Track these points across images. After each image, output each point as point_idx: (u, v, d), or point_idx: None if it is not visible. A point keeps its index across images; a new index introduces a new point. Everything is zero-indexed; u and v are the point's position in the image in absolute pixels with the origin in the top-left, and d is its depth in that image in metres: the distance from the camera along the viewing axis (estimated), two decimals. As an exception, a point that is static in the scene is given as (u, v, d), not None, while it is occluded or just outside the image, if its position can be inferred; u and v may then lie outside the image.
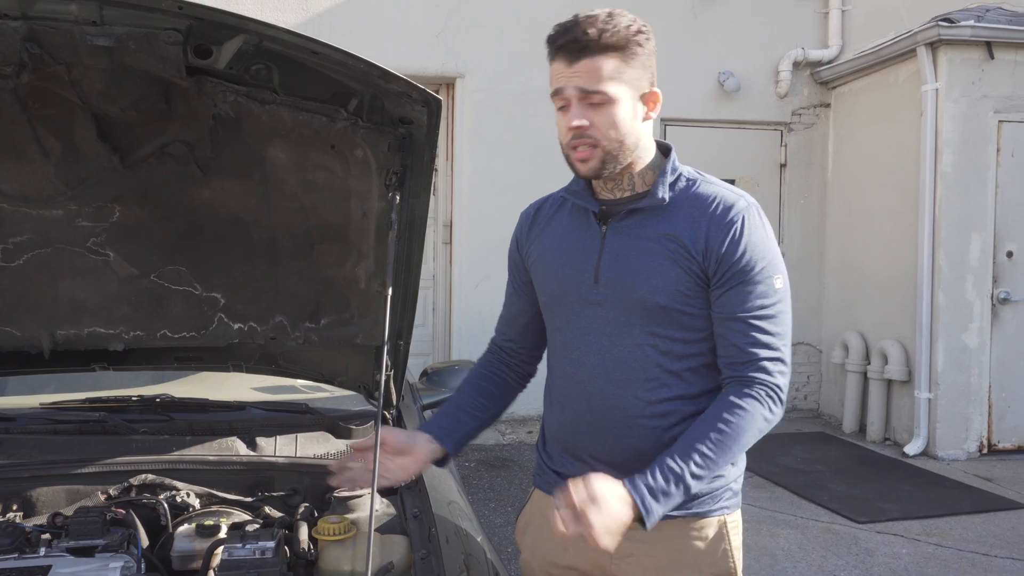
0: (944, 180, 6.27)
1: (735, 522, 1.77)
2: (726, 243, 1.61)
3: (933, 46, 6.25)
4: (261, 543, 1.70)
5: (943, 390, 6.29)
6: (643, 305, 1.65)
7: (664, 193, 1.67)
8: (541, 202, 1.90)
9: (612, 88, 1.59)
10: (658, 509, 1.52)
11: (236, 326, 2.20)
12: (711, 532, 1.73)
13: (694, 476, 1.56)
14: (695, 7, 7.40)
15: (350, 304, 2.14)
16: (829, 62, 7.53)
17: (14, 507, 2.07)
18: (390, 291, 1.80)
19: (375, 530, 1.54)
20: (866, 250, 7.17)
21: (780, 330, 1.65)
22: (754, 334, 1.62)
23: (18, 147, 1.70)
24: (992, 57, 6.24)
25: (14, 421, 2.37)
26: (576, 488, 1.45)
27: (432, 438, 1.76)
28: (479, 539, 2.02)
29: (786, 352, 1.66)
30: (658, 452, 1.60)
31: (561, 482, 1.60)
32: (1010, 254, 6.40)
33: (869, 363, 6.94)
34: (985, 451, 6.37)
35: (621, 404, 1.68)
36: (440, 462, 1.79)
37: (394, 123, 1.66)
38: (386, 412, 2.37)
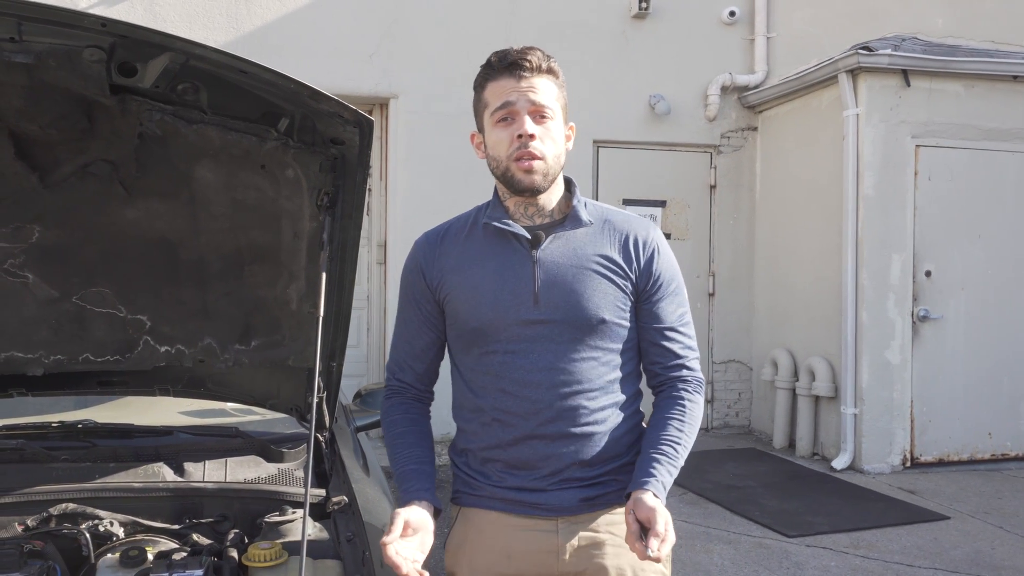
0: (866, 202, 6.47)
1: None
2: (655, 262, 1.82)
3: (853, 73, 6.47)
4: (188, 571, 1.68)
5: (868, 405, 6.47)
6: (588, 322, 1.77)
7: (586, 217, 1.82)
8: (444, 228, 1.92)
9: (556, 108, 1.76)
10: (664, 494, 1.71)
11: (163, 349, 2.16)
12: None
13: (677, 467, 1.76)
14: (626, 31, 7.52)
15: (281, 325, 2.12)
16: (756, 87, 7.72)
17: (-73, 540, 1.99)
18: (322, 312, 1.79)
19: (306, 555, 1.51)
20: (793, 269, 7.35)
21: (693, 331, 1.91)
22: (681, 339, 1.86)
23: (-68, 166, 1.65)
24: (908, 84, 6.48)
25: (-74, 450, 2.29)
26: (656, 518, 1.58)
27: (430, 503, 1.75)
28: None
29: (696, 346, 1.91)
30: (597, 452, 1.79)
31: (510, 495, 1.80)
32: (928, 273, 6.61)
33: (798, 380, 7.09)
34: (908, 464, 6.56)
35: (568, 415, 1.77)
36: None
37: (326, 143, 1.66)
38: (319, 435, 2.35)
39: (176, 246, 1.92)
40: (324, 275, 1.77)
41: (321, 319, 1.78)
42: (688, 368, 1.85)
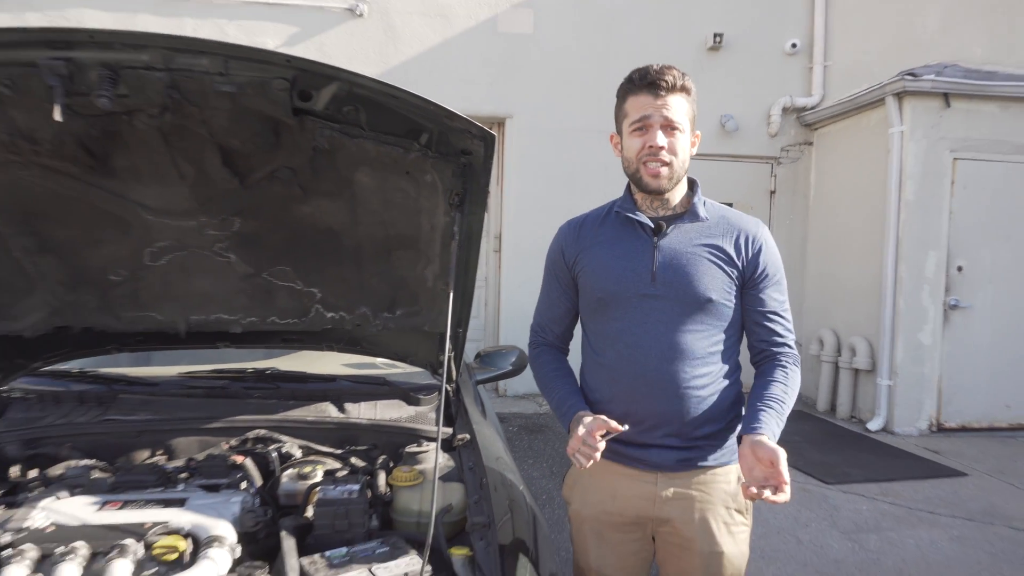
0: (906, 207, 6.12)
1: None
2: (761, 255, 1.75)
3: (899, 96, 6.10)
4: (348, 486, 1.72)
5: (901, 379, 6.15)
6: (696, 300, 1.71)
7: (704, 213, 1.76)
8: (583, 218, 1.91)
9: (685, 122, 1.70)
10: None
11: (329, 315, 2.21)
12: (733, 476, 1.79)
13: (782, 414, 1.67)
14: (701, 60, 7.30)
15: (419, 299, 2.14)
16: (812, 107, 7.39)
17: (159, 452, 2.12)
18: (452, 289, 1.80)
19: (438, 478, 1.54)
20: (840, 263, 7.03)
21: (791, 317, 1.83)
22: (782, 322, 1.78)
23: (161, 172, 1.71)
24: (949, 105, 6.08)
25: (158, 386, 2.42)
26: (778, 462, 1.47)
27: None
28: (520, 488, 2.02)
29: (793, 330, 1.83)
30: (696, 415, 1.72)
31: (619, 448, 1.76)
32: (960, 268, 6.22)
33: (840, 355, 6.80)
34: (934, 429, 6.21)
35: (671, 377, 1.72)
36: None
37: (457, 154, 1.66)
38: (448, 385, 2.38)
39: (340, 235, 1.95)
40: (454, 259, 1.77)
41: (451, 294, 1.80)
42: (788, 346, 1.79)
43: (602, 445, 1.63)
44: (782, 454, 1.49)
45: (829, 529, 4.05)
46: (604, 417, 1.66)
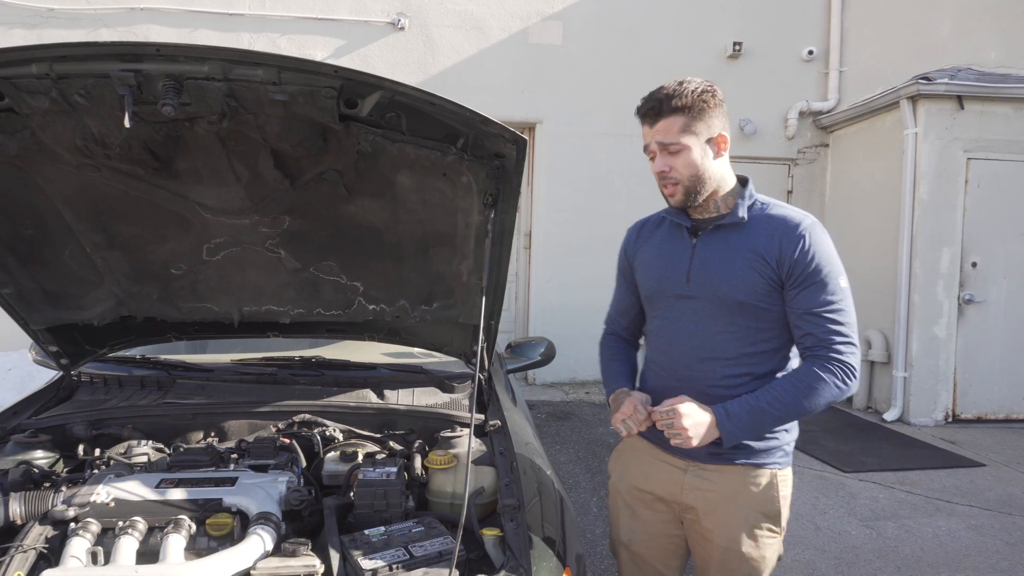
0: (921, 205, 5.96)
1: (785, 477, 1.73)
2: (796, 253, 1.60)
3: (913, 99, 5.94)
4: (387, 468, 1.73)
5: (916, 370, 5.99)
6: (725, 301, 1.65)
7: (743, 213, 1.67)
8: (644, 220, 1.91)
9: (683, 139, 1.60)
10: (732, 428, 1.57)
11: (371, 307, 2.22)
12: (764, 480, 1.70)
13: (766, 411, 1.58)
14: (721, 68, 7.20)
15: (455, 292, 2.14)
16: (828, 111, 7.24)
17: (212, 434, 2.15)
18: (485, 283, 1.81)
19: (471, 462, 1.54)
20: (855, 259, 6.86)
21: (848, 319, 1.60)
22: (827, 324, 1.59)
23: (219, 174, 1.73)
24: (962, 107, 5.90)
25: (212, 372, 2.46)
26: (674, 402, 1.59)
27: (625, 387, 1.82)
28: (548, 472, 2.01)
29: (855, 337, 1.61)
30: None
31: (658, 433, 1.70)
32: (974, 264, 6.04)
33: (856, 348, 6.66)
34: (950, 420, 6.04)
35: (702, 376, 1.68)
36: None
37: (491, 157, 1.65)
38: (480, 374, 2.37)
39: (381, 232, 1.96)
40: (487, 255, 1.77)
41: (484, 288, 1.80)
42: (834, 351, 1.58)
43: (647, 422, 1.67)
44: (678, 411, 1.57)
45: (847, 516, 3.96)
46: (648, 401, 1.71)
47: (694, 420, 1.58)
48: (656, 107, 1.61)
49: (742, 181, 1.73)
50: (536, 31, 7.01)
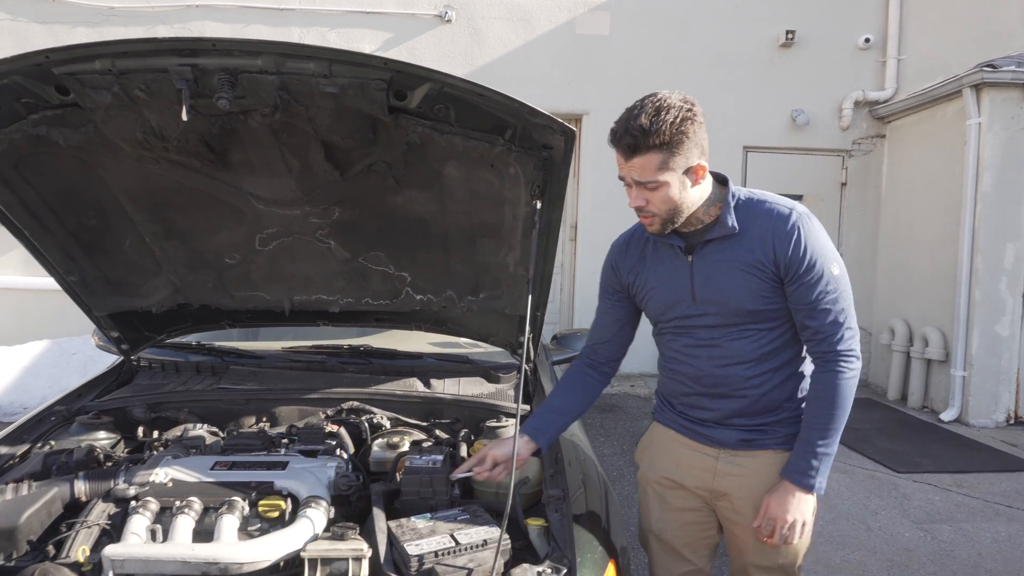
0: (984, 198, 5.71)
1: None
2: (790, 251, 1.57)
3: (977, 87, 5.68)
4: (433, 456, 1.74)
5: (976, 370, 5.76)
6: (736, 312, 1.63)
7: (732, 223, 1.61)
8: (627, 236, 1.83)
9: (661, 176, 1.52)
10: (816, 481, 1.62)
11: (418, 297, 2.24)
12: None
13: (829, 448, 1.62)
14: (773, 57, 7.03)
15: (501, 283, 2.14)
16: (885, 101, 6.98)
17: (264, 419, 2.20)
18: (531, 274, 1.80)
19: (516, 452, 1.55)
20: (912, 253, 6.65)
21: (844, 305, 1.61)
22: (825, 316, 1.59)
23: (271, 165, 1.76)
24: (1030, 96, 5.63)
25: (264, 359, 2.52)
26: (782, 519, 1.62)
27: (529, 439, 1.74)
28: (593, 464, 2.00)
29: (851, 319, 1.62)
30: (756, 409, 1.68)
31: (686, 424, 1.77)
32: (1041, 260, 5.77)
33: (912, 345, 6.43)
34: (1012, 421, 5.78)
35: (726, 381, 1.68)
36: (535, 453, 1.78)
37: (539, 148, 1.64)
38: (526, 365, 2.37)
39: (429, 223, 1.97)
40: (534, 247, 1.76)
41: (530, 279, 1.80)
42: (835, 341, 1.59)
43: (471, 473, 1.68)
44: (788, 519, 1.61)
45: (899, 518, 3.85)
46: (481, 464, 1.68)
47: (792, 512, 1.62)
48: (632, 144, 1.49)
49: (720, 180, 1.66)
50: (583, 22, 6.95)
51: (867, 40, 7.01)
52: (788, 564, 1.74)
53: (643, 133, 1.47)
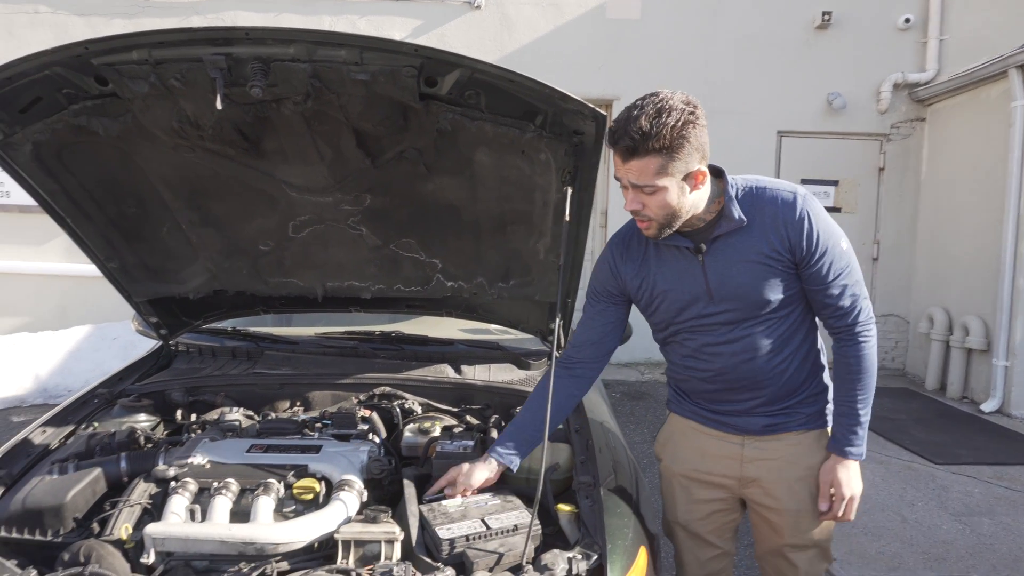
0: (1029, 182, 5.53)
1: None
2: (803, 238, 1.56)
3: (1023, 68, 5.50)
4: (464, 441, 1.76)
5: (1020, 359, 5.59)
6: (757, 304, 1.61)
7: (739, 214, 1.57)
8: (627, 237, 1.75)
9: (658, 181, 1.48)
10: (859, 449, 1.67)
11: (449, 283, 2.25)
12: (821, 441, 1.74)
13: (868, 415, 1.67)
14: (808, 39, 6.86)
15: (531, 270, 2.14)
16: (926, 83, 6.78)
17: (298, 403, 2.24)
18: (562, 261, 1.80)
19: (547, 439, 1.55)
20: (953, 240, 6.47)
21: (857, 277, 1.63)
22: (842, 293, 1.61)
23: (304, 153, 1.78)
24: (1080, 76, 5.42)
25: (298, 345, 2.55)
26: (850, 495, 1.68)
27: (498, 464, 1.67)
28: (623, 450, 2.00)
29: (862, 287, 1.64)
30: (780, 394, 1.69)
31: (707, 414, 1.77)
32: (1089, 246, 5.58)
33: (951, 334, 6.27)
34: (1056, 413, 5.64)
35: (748, 374, 1.67)
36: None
37: (570, 134, 1.63)
38: (556, 352, 2.36)
39: (460, 210, 1.97)
40: (564, 234, 1.76)
41: (561, 267, 1.80)
42: (850, 314, 1.62)
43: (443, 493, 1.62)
44: (847, 491, 1.67)
45: (937, 510, 3.77)
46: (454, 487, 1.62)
47: (854, 485, 1.68)
48: (630, 146, 1.44)
49: (715, 172, 1.60)
50: (614, 6, 6.86)
51: (907, 20, 6.81)
52: (824, 540, 1.76)
53: (642, 136, 1.43)
